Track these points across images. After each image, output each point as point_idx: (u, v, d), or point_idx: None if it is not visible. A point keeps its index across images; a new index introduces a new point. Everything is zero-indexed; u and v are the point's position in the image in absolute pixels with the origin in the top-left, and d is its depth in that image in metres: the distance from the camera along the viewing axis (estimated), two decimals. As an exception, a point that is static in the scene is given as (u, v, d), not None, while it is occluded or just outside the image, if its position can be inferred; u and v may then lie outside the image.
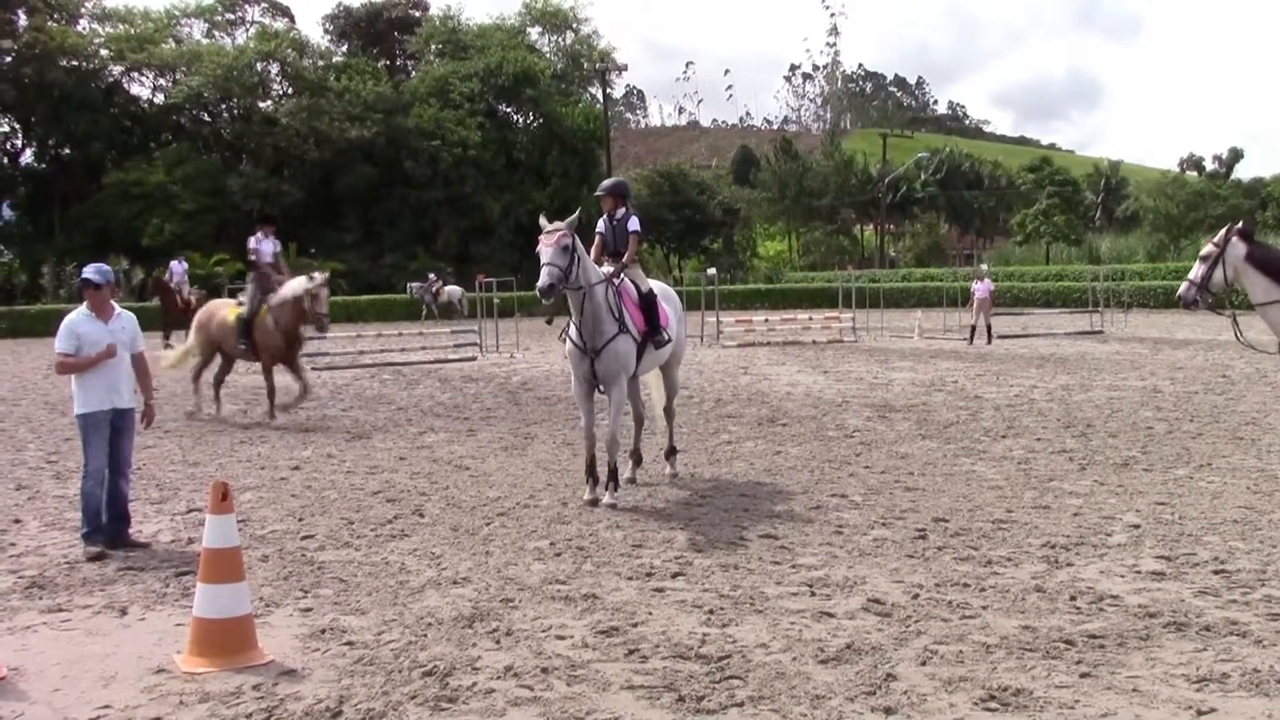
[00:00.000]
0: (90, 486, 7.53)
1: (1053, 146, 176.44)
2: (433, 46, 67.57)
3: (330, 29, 69.83)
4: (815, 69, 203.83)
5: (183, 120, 62.15)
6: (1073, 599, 5.98)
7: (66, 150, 59.56)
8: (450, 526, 8.07)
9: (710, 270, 38.10)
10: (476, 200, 58.72)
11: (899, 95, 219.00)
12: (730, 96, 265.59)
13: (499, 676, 5.01)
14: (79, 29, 59.61)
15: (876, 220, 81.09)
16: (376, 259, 56.90)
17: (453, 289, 43.92)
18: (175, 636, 5.63)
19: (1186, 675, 4.85)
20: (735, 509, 8.48)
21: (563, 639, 5.50)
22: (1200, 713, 4.46)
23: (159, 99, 61.80)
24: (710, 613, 5.86)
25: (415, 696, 4.79)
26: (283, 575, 6.81)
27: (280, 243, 15.33)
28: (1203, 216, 61.22)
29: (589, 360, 8.80)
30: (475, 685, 4.91)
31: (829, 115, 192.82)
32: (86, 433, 7.59)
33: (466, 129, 59.06)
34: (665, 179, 67.85)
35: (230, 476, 9.89)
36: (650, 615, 5.85)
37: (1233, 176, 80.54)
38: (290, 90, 61.35)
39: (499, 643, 5.47)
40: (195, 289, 29.73)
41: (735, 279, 59.80)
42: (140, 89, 62.69)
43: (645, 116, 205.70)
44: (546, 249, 8.31)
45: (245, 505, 8.80)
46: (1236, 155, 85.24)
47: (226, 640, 5.22)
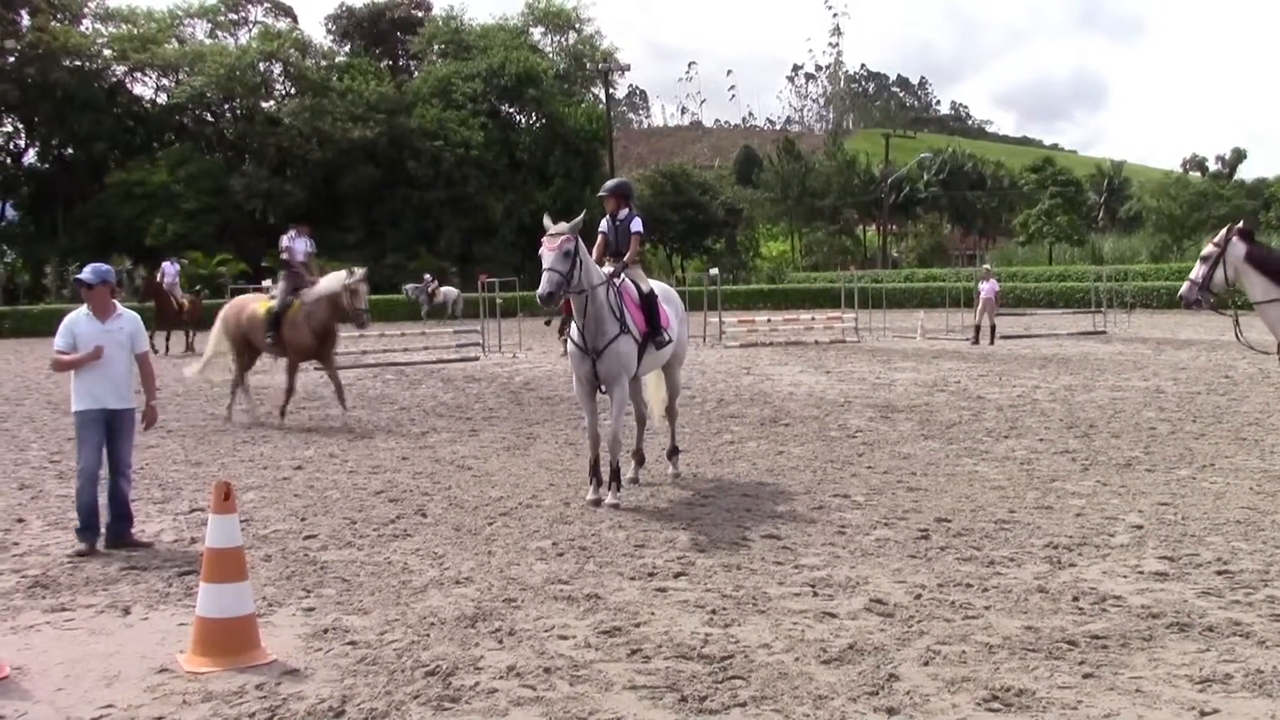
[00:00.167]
0: (80, 485, 7.56)
1: (1055, 147, 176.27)
2: (435, 47, 67.60)
3: (333, 29, 69.92)
4: (818, 69, 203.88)
5: (185, 120, 62.23)
6: (1075, 599, 5.98)
7: (69, 150, 59.64)
8: (453, 526, 8.07)
9: (713, 270, 38.10)
10: (479, 200, 58.75)
11: (902, 95, 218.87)
12: (733, 97, 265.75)
13: (501, 676, 5.01)
14: (82, 29, 59.71)
15: (879, 221, 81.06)
16: (379, 259, 56.82)
17: (448, 290, 43.90)
18: (178, 636, 5.63)
19: (1189, 676, 4.84)
20: (738, 509, 8.47)
21: (565, 639, 5.50)
22: (1203, 713, 4.46)
23: (162, 99, 61.90)
24: (713, 613, 5.86)
25: (418, 696, 4.79)
26: (285, 575, 6.81)
27: (313, 244, 15.12)
28: (1205, 217, 61.14)
29: (590, 361, 8.79)
30: (478, 685, 4.91)
31: (832, 115, 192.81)
32: (79, 431, 7.63)
33: (469, 129, 59.09)
34: (668, 179, 67.89)
35: (233, 476, 9.89)
36: (653, 615, 5.85)
37: (1236, 177, 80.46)
38: (293, 90, 61.40)
39: (501, 642, 5.47)
40: (198, 289, 29.76)
41: (738, 279, 59.84)
42: (143, 89, 62.93)
43: (648, 117, 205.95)
44: (548, 253, 8.27)
45: (248, 505, 8.81)
46: (1239, 156, 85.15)
47: (229, 640, 5.22)
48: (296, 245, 14.59)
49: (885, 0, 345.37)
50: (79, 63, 57.15)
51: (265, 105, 61.66)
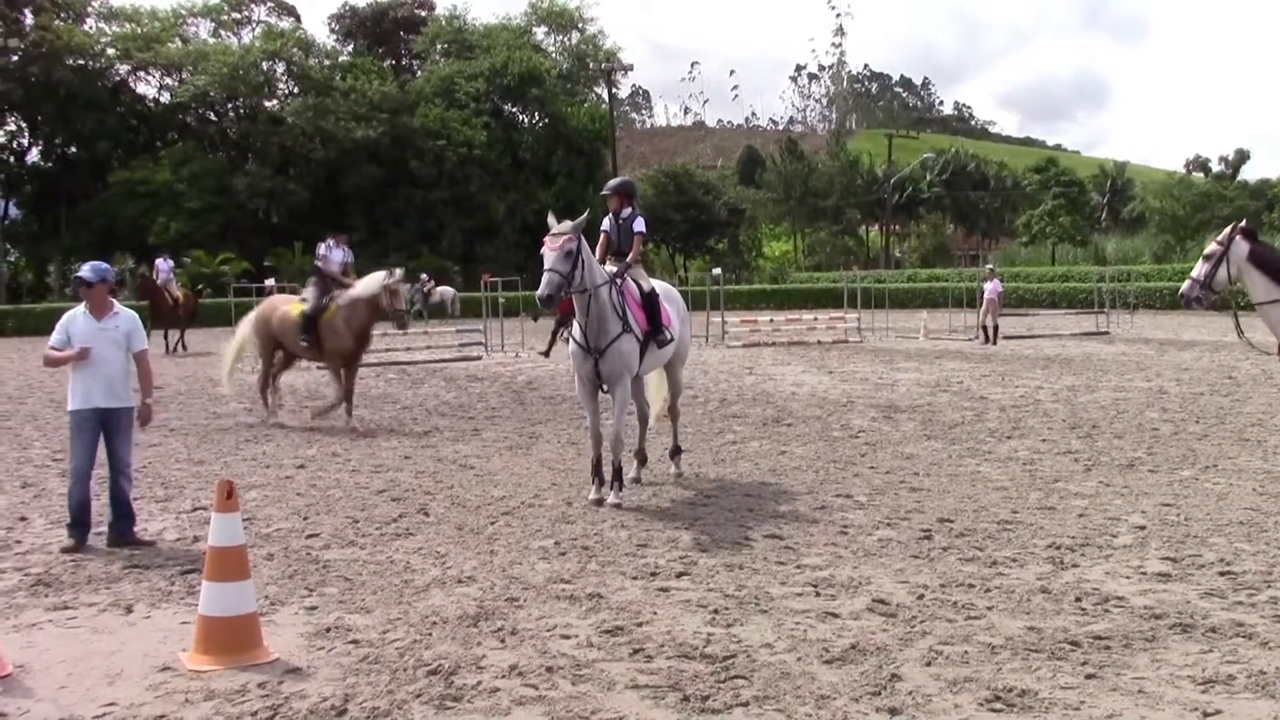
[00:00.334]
0: (72, 483, 7.60)
1: (1058, 147, 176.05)
2: (438, 46, 67.62)
3: (336, 28, 69.95)
4: (821, 69, 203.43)
5: (189, 119, 62.26)
6: (1078, 600, 5.97)
7: (73, 149, 59.66)
8: (455, 525, 8.07)
9: (715, 270, 38.03)
10: (481, 200, 58.76)
11: (904, 96, 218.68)
12: (736, 97, 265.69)
13: (504, 675, 5.01)
14: (85, 28, 59.72)
15: (882, 221, 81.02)
16: (382, 258, 56.60)
17: (445, 289, 43.83)
18: (181, 634, 5.64)
19: (1192, 677, 4.84)
20: (740, 509, 8.47)
21: (567, 638, 5.50)
22: (1206, 714, 4.45)
23: (165, 98, 61.93)
24: (715, 612, 5.86)
25: (420, 695, 4.79)
26: (288, 573, 6.82)
27: (351, 253, 14.92)
28: (1209, 218, 61.02)
29: (593, 360, 8.79)
30: (480, 684, 4.91)
31: (834, 115, 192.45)
32: (72, 430, 7.67)
33: (472, 129, 59.10)
34: (670, 179, 67.89)
35: (235, 475, 9.90)
36: (655, 615, 5.85)
37: (1239, 178, 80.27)
38: (296, 89, 61.43)
39: (504, 642, 5.47)
40: (200, 287, 29.78)
41: (740, 279, 59.76)
42: (146, 88, 62.94)
43: (650, 116, 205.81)
44: (550, 253, 8.25)
45: (250, 504, 8.81)
46: (1243, 156, 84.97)
47: (232, 638, 5.23)
48: (334, 254, 14.40)
49: (888, 0, 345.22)
50: (82, 62, 57.20)
51: (268, 104, 61.69)
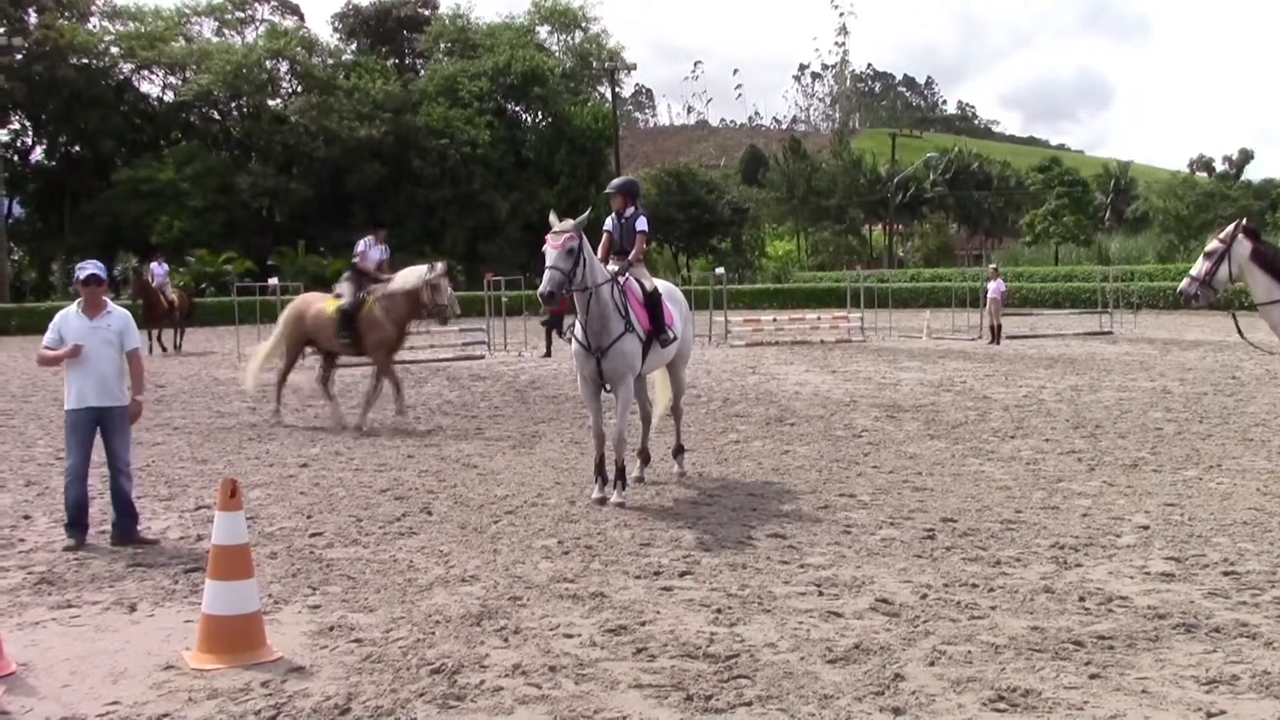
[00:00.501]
0: (67, 482, 7.63)
1: (1062, 147, 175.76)
2: (442, 45, 67.61)
3: (339, 27, 69.91)
4: (824, 69, 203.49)
5: (192, 118, 62.26)
6: (1082, 600, 5.97)
7: (76, 148, 59.68)
8: (458, 524, 8.08)
9: (718, 270, 38.03)
10: (485, 199, 58.75)
11: (908, 95, 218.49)
12: (739, 96, 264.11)
13: (507, 674, 5.01)
14: (89, 27, 59.73)
15: (885, 220, 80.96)
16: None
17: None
18: (184, 633, 5.65)
19: (1196, 677, 4.83)
20: (743, 508, 8.47)
21: (570, 637, 5.50)
22: (1210, 715, 4.45)
23: (169, 97, 61.94)
24: (718, 612, 5.86)
25: (423, 694, 4.79)
26: (291, 572, 6.82)
27: (388, 250, 14.76)
28: (1212, 217, 60.87)
29: (595, 359, 8.79)
30: (483, 683, 4.91)
31: (838, 115, 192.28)
32: (66, 430, 7.72)
33: (475, 128, 59.09)
34: (674, 178, 67.87)
35: (239, 473, 9.91)
36: (658, 614, 5.85)
37: (1243, 177, 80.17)
38: (299, 88, 61.42)
39: (507, 641, 5.47)
40: (203, 286, 29.79)
41: (743, 278, 59.75)
42: (150, 87, 62.90)
43: (654, 116, 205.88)
44: (552, 251, 8.26)
45: (254, 502, 8.81)
46: (1246, 156, 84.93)
47: (235, 637, 5.23)
48: (371, 252, 14.33)
49: (891, 0, 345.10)
50: (86, 60, 57.18)
51: (272, 103, 61.66)
